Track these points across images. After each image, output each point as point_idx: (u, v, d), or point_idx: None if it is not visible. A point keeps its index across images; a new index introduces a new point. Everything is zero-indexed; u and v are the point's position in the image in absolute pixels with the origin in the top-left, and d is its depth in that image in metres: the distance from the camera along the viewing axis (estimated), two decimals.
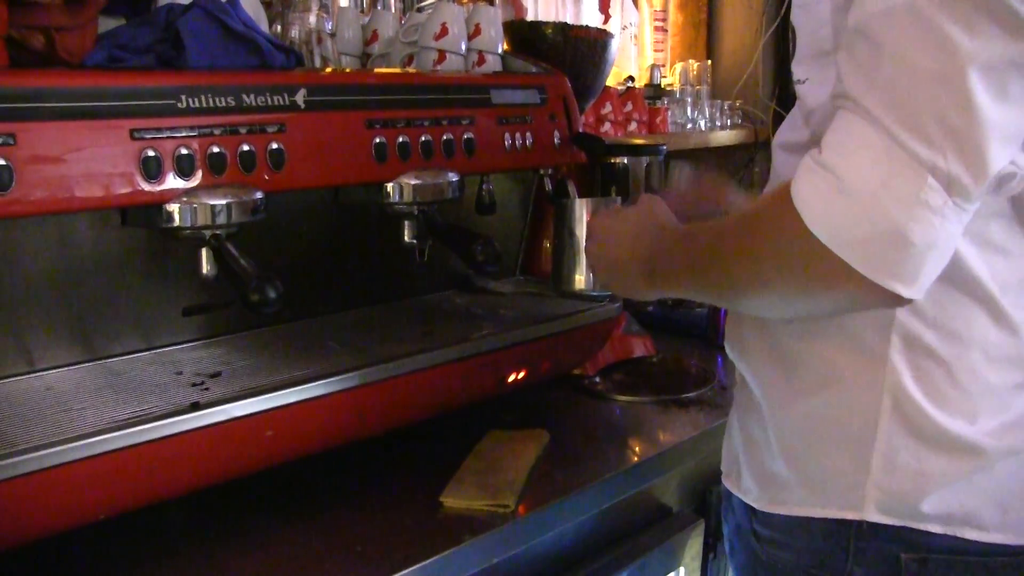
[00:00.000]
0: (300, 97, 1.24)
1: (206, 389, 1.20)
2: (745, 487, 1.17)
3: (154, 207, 1.12)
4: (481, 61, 1.61)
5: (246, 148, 1.18)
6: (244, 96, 1.19)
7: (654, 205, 1.25)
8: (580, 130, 1.67)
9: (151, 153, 1.10)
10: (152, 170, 1.10)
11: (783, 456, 1.11)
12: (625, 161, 1.93)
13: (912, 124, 0.85)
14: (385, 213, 1.38)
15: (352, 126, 1.29)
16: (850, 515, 1.05)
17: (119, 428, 1.05)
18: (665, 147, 2.00)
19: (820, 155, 0.90)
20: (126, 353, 1.32)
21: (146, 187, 1.10)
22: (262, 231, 1.22)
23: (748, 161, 3.30)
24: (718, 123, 3.12)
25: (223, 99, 1.17)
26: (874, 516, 1.04)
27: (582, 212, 1.37)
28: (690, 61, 3.21)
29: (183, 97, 1.14)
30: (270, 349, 1.37)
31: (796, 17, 1.10)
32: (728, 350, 1.21)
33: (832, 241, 0.87)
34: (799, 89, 1.11)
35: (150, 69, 1.15)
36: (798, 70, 1.10)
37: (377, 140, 1.31)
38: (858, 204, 0.86)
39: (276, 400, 1.16)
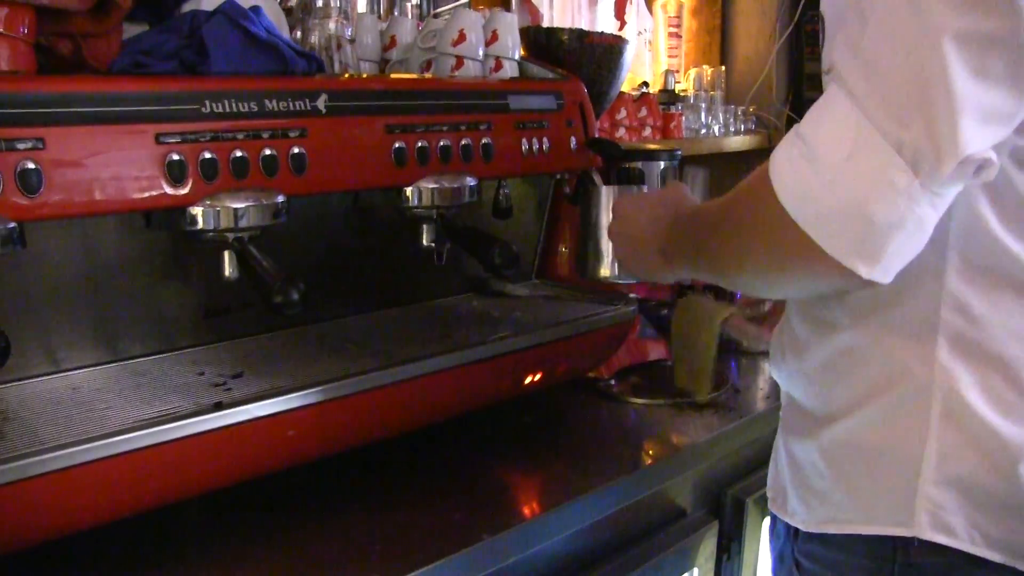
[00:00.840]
0: (321, 102, 1.25)
1: (228, 389, 1.22)
2: (791, 509, 1.13)
3: (178, 210, 1.14)
4: (498, 67, 1.63)
5: (268, 152, 1.19)
6: (266, 101, 1.20)
7: (677, 189, 1.28)
8: (596, 135, 1.68)
9: (175, 157, 1.12)
10: (176, 174, 1.12)
11: (830, 473, 1.06)
12: (640, 166, 1.94)
13: (884, 97, 0.83)
14: (404, 217, 1.39)
15: (372, 131, 1.31)
16: (899, 531, 0.99)
17: (143, 427, 1.06)
18: (680, 152, 2.01)
19: (799, 125, 0.89)
20: (149, 354, 1.34)
21: (170, 190, 1.12)
22: (283, 234, 1.23)
23: None
24: (732, 128, 3.13)
25: (246, 104, 1.18)
26: (927, 533, 0.97)
27: (608, 200, 1.41)
28: (704, 67, 3.22)
29: (207, 102, 1.15)
30: (290, 351, 1.38)
31: (824, 2, 1.05)
32: (772, 370, 1.19)
33: (796, 210, 0.86)
34: (826, 79, 1.03)
35: (174, 75, 1.17)
36: (827, 59, 1.04)
37: (397, 145, 1.32)
38: (822, 175, 0.85)
39: (297, 400, 1.17)
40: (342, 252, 1.53)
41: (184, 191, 1.13)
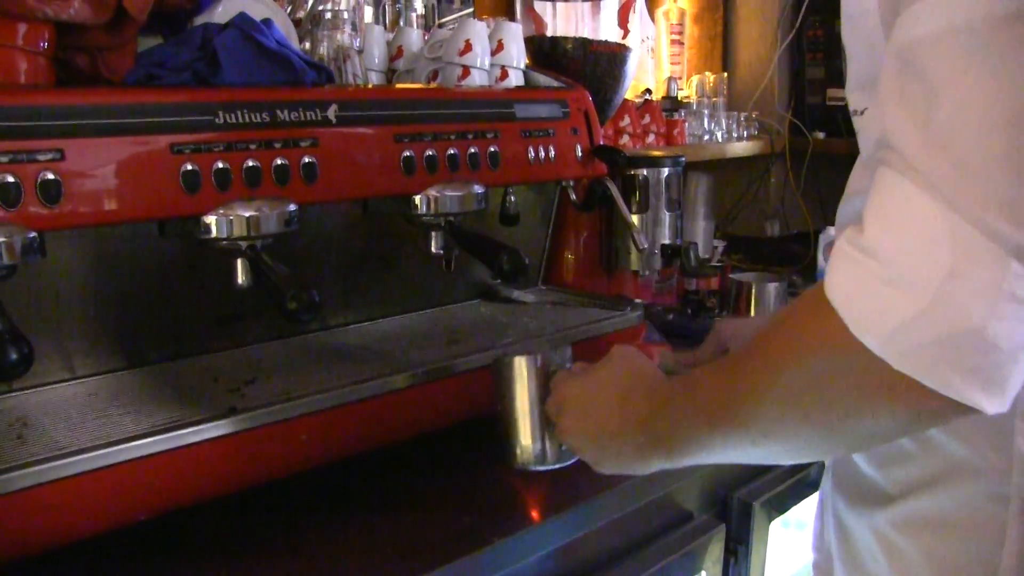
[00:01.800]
0: (332, 112, 1.29)
1: (242, 395, 1.25)
2: None
3: (192, 219, 1.18)
4: (504, 76, 1.67)
5: (280, 162, 1.23)
6: (278, 112, 1.24)
7: (630, 358, 1.04)
8: (601, 142, 1.72)
9: (190, 167, 1.16)
10: (191, 183, 1.16)
11: (887, 562, 0.94)
12: (645, 172, 1.98)
13: (982, 189, 0.66)
14: (413, 224, 1.43)
15: (382, 140, 1.35)
16: None
17: (160, 432, 1.10)
18: (684, 158, 2.06)
19: (860, 236, 0.71)
20: (164, 360, 1.37)
21: (185, 200, 1.16)
22: (295, 242, 1.26)
23: (764, 172, 3.35)
24: (735, 134, 3.17)
25: (258, 115, 1.22)
26: None
27: (528, 372, 1.13)
28: (706, 73, 3.26)
29: (220, 113, 1.19)
30: (302, 357, 1.42)
31: (845, 33, 0.91)
32: None
33: (884, 348, 0.69)
34: (856, 122, 0.91)
35: (188, 86, 1.21)
36: (853, 98, 0.91)
37: (406, 153, 1.36)
38: (918, 301, 0.67)
39: (310, 405, 1.21)
40: (352, 259, 1.56)
41: (198, 200, 1.16)
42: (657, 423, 0.93)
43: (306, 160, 1.26)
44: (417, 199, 1.39)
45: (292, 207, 1.23)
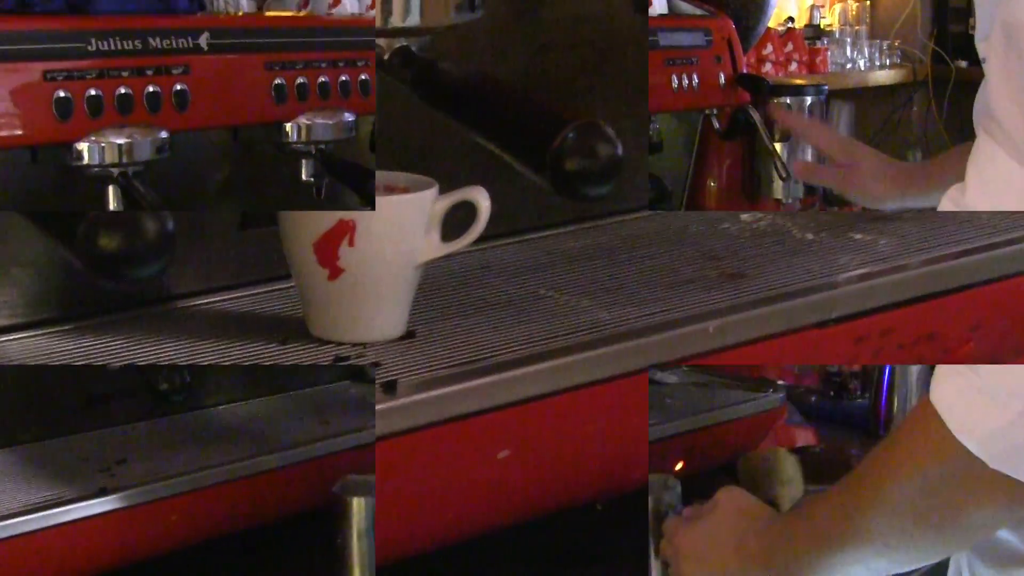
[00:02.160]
0: (203, 40, 1.35)
1: (113, 475, 1.28)
2: None
3: (64, 146, 1.23)
4: (373, 5, 1.73)
5: (152, 89, 1.28)
6: (150, 39, 1.29)
7: (738, 499, 1.11)
8: (744, 71, 1.83)
9: (62, 94, 1.21)
10: (64, 110, 1.21)
11: None
12: (788, 101, 2.06)
13: None
14: (284, 152, 1.48)
15: (253, 68, 1.40)
16: None
17: (29, 512, 1.15)
18: (826, 87, 2.15)
19: (962, 196, 0.79)
20: (32, 440, 1.40)
21: (58, 127, 1.21)
22: (167, 169, 1.33)
23: (907, 100, 3.44)
24: (877, 63, 3.27)
25: (130, 42, 1.27)
26: None
27: (362, 515, 1.14)
28: (849, 1, 3.34)
29: (93, 40, 1.24)
30: (174, 437, 1.44)
31: None
32: None
33: (983, 450, 0.78)
34: (984, 68, 0.91)
35: (60, 13, 1.25)
36: (980, 47, 0.93)
37: (277, 81, 1.41)
38: (1010, 411, 0.77)
39: (181, 485, 1.26)
40: (224, 192, 1.61)
41: (71, 127, 1.22)
42: (777, 558, 1.01)
43: (178, 87, 1.31)
44: (288, 127, 1.44)
45: (164, 134, 1.28)
